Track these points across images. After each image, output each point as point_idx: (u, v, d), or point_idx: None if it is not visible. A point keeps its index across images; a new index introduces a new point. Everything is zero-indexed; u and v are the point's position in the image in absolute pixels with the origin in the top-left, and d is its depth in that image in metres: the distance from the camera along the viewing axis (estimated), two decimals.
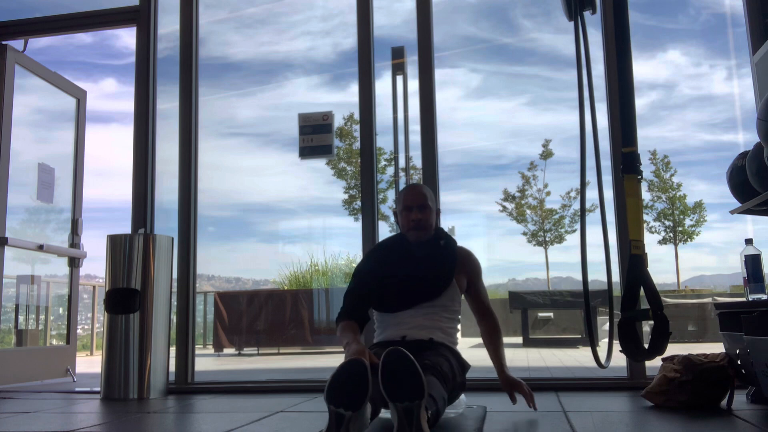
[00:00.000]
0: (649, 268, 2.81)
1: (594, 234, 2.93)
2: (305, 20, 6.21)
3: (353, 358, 1.92)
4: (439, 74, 3.80)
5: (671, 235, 12.67)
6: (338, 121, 4.24)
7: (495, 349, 2.59)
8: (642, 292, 2.77)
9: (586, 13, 3.06)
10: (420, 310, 2.44)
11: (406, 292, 2.46)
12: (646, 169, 2.88)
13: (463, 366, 2.47)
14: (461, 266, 2.57)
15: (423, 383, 1.81)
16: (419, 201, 2.55)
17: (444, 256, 2.54)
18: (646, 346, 2.74)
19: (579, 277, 2.88)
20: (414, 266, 2.50)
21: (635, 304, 2.76)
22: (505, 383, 2.56)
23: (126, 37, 4.14)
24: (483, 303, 2.63)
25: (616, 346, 2.80)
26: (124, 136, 3.95)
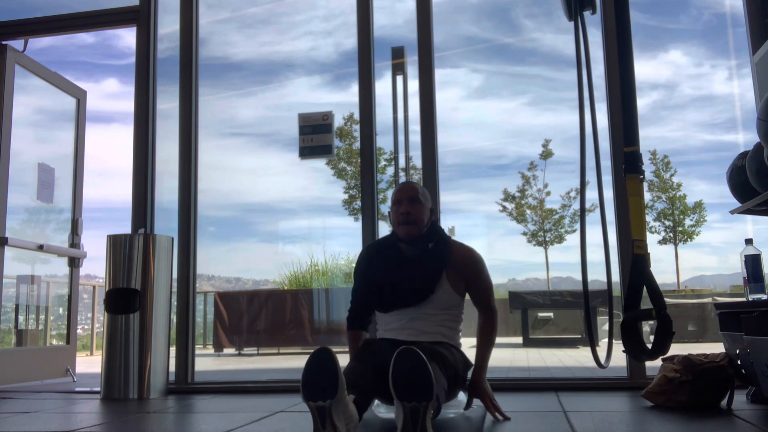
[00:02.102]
0: (650, 268, 2.81)
1: (594, 234, 2.93)
2: (307, 20, 6.21)
3: (317, 348, 1.88)
4: (441, 74, 3.80)
5: (671, 235, 12.67)
6: (338, 121, 4.24)
7: (481, 345, 2.53)
8: (645, 291, 2.77)
9: (586, 13, 3.06)
10: (418, 313, 2.44)
11: (393, 297, 2.46)
12: (647, 169, 2.87)
13: (466, 362, 2.47)
14: (457, 268, 2.50)
15: (432, 385, 1.81)
16: (410, 194, 2.48)
17: (431, 260, 2.47)
18: (649, 346, 2.75)
19: (579, 277, 2.88)
20: (401, 271, 2.47)
21: (638, 304, 2.76)
22: (473, 385, 2.46)
23: (128, 37, 4.15)
24: (483, 300, 2.57)
25: (616, 345, 2.80)
26: (126, 136, 3.95)
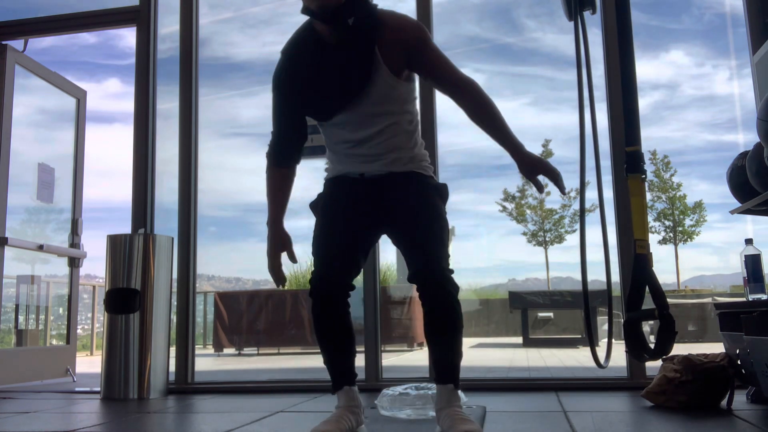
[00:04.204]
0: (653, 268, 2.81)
1: (594, 234, 2.93)
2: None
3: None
4: None
5: (671, 235, 12.67)
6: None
7: (491, 121, 1.98)
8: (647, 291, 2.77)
9: (586, 13, 3.06)
10: (361, 118, 2.01)
11: (325, 99, 2.02)
12: (647, 169, 2.87)
13: (442, 192, 2.14)
14: (391, 40, 1.96)
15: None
16: None
17: (357, 38, 1.95)
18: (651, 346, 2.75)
19: (579, 277, 2.88)
20: (326, 62, 2.00)
21: (640, 304, 2.76)
22: (524, 163, 1.99)
23: (129, 37, 4.15)
24: (448, 74, 2.01)
25: (616, 345, 2.80)
26: (127, 136, 3.96)
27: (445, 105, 3.82)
